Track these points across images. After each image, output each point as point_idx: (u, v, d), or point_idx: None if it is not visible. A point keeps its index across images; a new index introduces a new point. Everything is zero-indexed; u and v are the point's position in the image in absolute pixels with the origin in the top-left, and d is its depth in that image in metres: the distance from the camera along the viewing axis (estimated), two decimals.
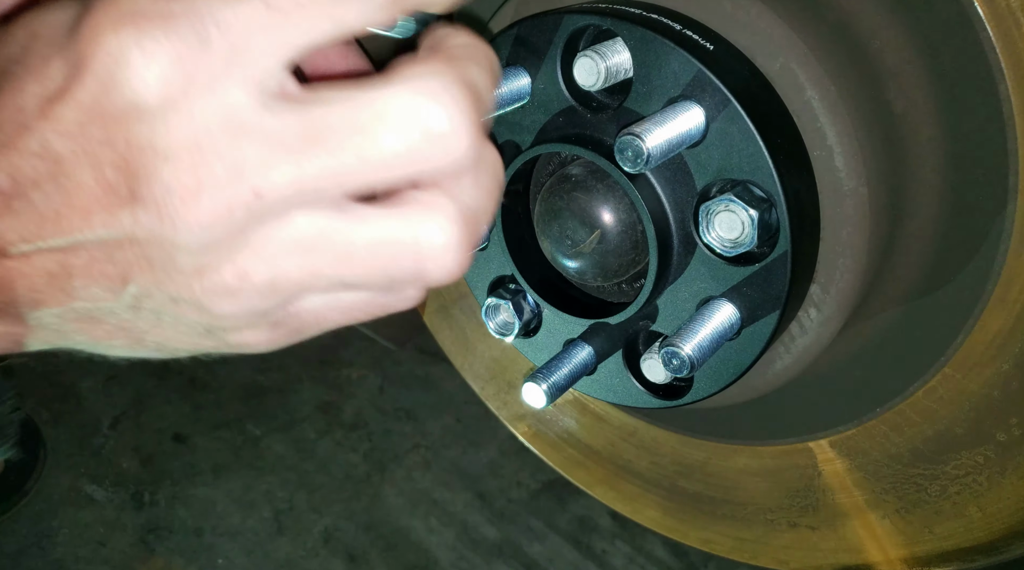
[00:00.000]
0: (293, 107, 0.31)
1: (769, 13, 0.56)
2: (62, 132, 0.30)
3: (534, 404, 0.63)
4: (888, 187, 0.59)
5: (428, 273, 0.34)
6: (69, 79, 0.30)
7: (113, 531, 1.41)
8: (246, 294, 0.33)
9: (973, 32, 0.52)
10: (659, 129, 0.51)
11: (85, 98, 0.29)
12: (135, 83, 0.29)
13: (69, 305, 0.34)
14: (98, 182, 0.30)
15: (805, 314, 0.62)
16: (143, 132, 0.29)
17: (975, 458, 0.64)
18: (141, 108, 0.29)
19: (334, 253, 0.33)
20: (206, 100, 0.29)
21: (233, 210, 0.30)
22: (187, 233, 0.30)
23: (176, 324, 0.34)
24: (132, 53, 0.29)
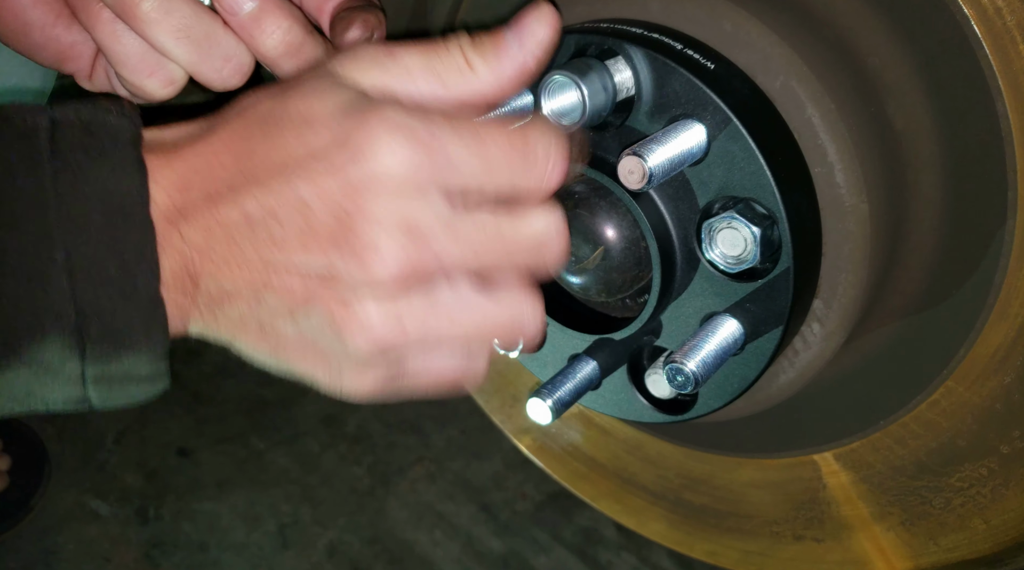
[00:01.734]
0: (466, 213, 0.43)
1: (769, 33, 0.57)
2: (311, 183, 0.40)
3: (539, 420, 0.63)
4: (889, 203, 0.59)
5: (520, 341, 0.48)
6: (335, 152, 0.41)
7: (118, 546, 1.41)
8: (387, 340, 0.43)
9: (970, 50, 0.53)
10: (661, 148, 0.52)
11: (340, 163, 0.40)
12: (381, 169, 0.40)
13: (254, 308, 0.43)
14: (329, 231, 0.41)
15: (808, 329, 0.63)
16: (378, 206, 0.40)
17: (979, 470, 0.64)
18: (377, 184, 0.40)
19: (463, 317, 0.44)
20: (421, 195, 0.41)
21: (416, 274, 0.42)
22: (377, 282, 0.41)
23: (317, 351, 0.44)
24: (387, 151, 0.40)
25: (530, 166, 0.44)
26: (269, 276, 0.42)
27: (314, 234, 0.41)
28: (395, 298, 0.42)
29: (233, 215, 0.41)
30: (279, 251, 0.41)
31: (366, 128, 0.40)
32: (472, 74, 0.45)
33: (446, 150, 0.42)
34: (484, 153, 0.42)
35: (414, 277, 0.42)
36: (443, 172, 0.42)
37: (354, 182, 0.40)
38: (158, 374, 0.44)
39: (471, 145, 0.42)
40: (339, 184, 0.40)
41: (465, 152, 0.42)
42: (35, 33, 0.59)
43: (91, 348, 0.41)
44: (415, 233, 0.41)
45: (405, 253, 0.41)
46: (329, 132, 0.41)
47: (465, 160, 0.42)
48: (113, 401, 0.44)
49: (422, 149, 0.41)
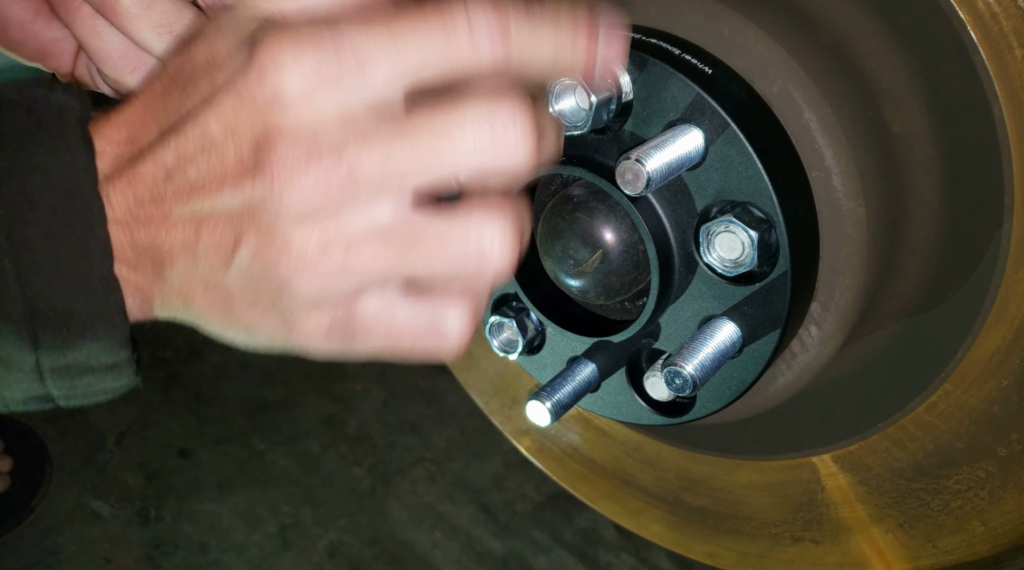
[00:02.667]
0: (393, 117, 0.39)
1: (767, 38, 0.57)
2: (219, 116, 0.38)
3: (539, 422, 0.63)
4: (886, 206, 0.60)
5: (486, 271, 0.40)
6: (235, 74, 0.38)
7: (119, 547, 1.41)
8: (323, 271, 0.39)
9: (966, 55, 0.53)
10: (659, 153, 0.52)
11: (243, 88, 0.38)
12: (283, 80, 0.37)
13: (194, 267, 0.40)
14: (236, 157, 0.38)
15: (806, 332, 0.63)
16: (278, 116, 0.37)
17: (977, 473, 0.64)
18: (282, 99, 0.37)
19: (407, 241, 0.39)
20: (329, 100, 0.37)
21: (330, 183, 0.37)
22: (290, 198, 0.37)
23: (262, 301, 0.40)
24: (286, 58, 0.37)
25: (452, 34, 0.38)
26: (199, 227, 0.39)
27: (226, 167, 0.38)
28: (321, 219, 0.38)
29: (152, 169, 0.39)
30: (201, 196, 0.39)
31: (265, 47, 0.37)
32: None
33: (354, 47, 0.37)
34: (397, 39, 0.38)
35: (339, 193, 0.38)
36: (354, 72, 0.38)
37: (259, 102, 0.38)
38: (120, 363, 0.41)
39: (380, 34, 0.38)
40: (244, 108, 0.38)
41: (375, 44, 0.38)
42: (13, 29, 0.58)
43: (43, 336, 0.39)
44: (332, 143, 0.37)
45: (322, 166, 0.37)
46: (232, 64, 0.39)
47: (377, 52, 0.38)
48: (77, 397, 0.42)
49: (326, 52, 0.37)
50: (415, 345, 0.43)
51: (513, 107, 0.39)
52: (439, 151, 0.38)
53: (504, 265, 0.41)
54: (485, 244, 0.40)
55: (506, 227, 0.40)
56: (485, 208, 0.40)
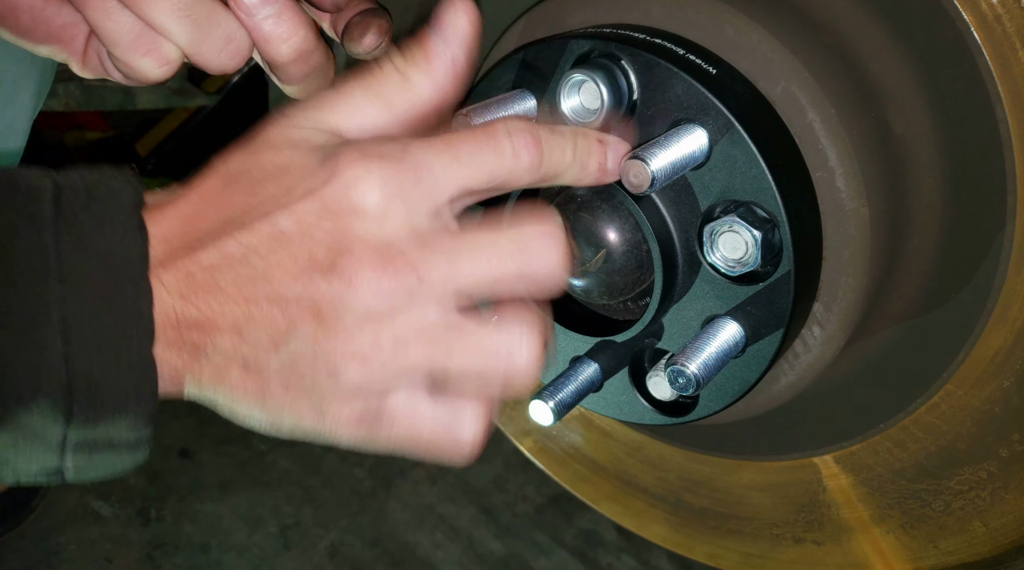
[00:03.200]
0: (452, 230, 0.44)
1: (770, 38, 0.57)
2: (296, 218, 0.42)
3: (541, 422, 0.63)
4: (889, 207, 0.60)
5: (513, 376, 0.45)
6: (320, 184, 0.42)
7: (120, 547, 1.41)
8: (371, 364, 0.43)
9: (970, 56, 0.53)
10: (664, 152, 0.52)
11: (328, 198, 0.42)
12: (365, 194, 0.42)
13: (238, 346, 0.42)
14: (308, 255, 0.42)
15: (808, 332, 0.63)
16: (359, 228, 0.42)
17: (978, 473, 0.65)
18: (362, 211, 0.42)
19: (449, 341, 0.44)
20: (402, 212, 0.42)
21: (399, 289, 0.42)
22: (361, 299, 0.41)
23: (302, 386, 0.43)
24: (370, 175, 0.42)
25: (499, 149, 0.45)
26: (251, 310, 0.42)
27: (295, 262, 0.42)
28: (378, 319, 0.42)
29: (213, 258, 0.42)
30: (261, 284, 0.42)
31: (348, 163, 0.42)
32: (410, 85, 0.47)
33: (425, 166, 0.43)
34: (457, 158, 0.44)
35: (399, 297, 0.42)
36: (425, 189, 0.43)
37: (333, 206, 0.42)
38: (141, 441, 0.43)
39: (444, 153, 0.44)
40: (318, 209, 0.42)
41: (439, 162, 0.43)
42: (24, 15, 0.58)
43: (78, 410, 0.40)
44: (399, 254, 0.42)
45: (397, 273, 0.42)
46: (312, 175, 0.43)
47: (441, 170, 0.43)
48: (89, 472, 0.43)
49: (402, 171, 0.42)
50: (432, 442, 0.47)
51: (552, 231, 0.45)
52: (491, 265, 0.44)
53: (530, 371, 0.46)
54: (515, 350, 0.45)
55: (536, 337, 0.45)
56: (519, 318, 0.45)
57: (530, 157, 0.46)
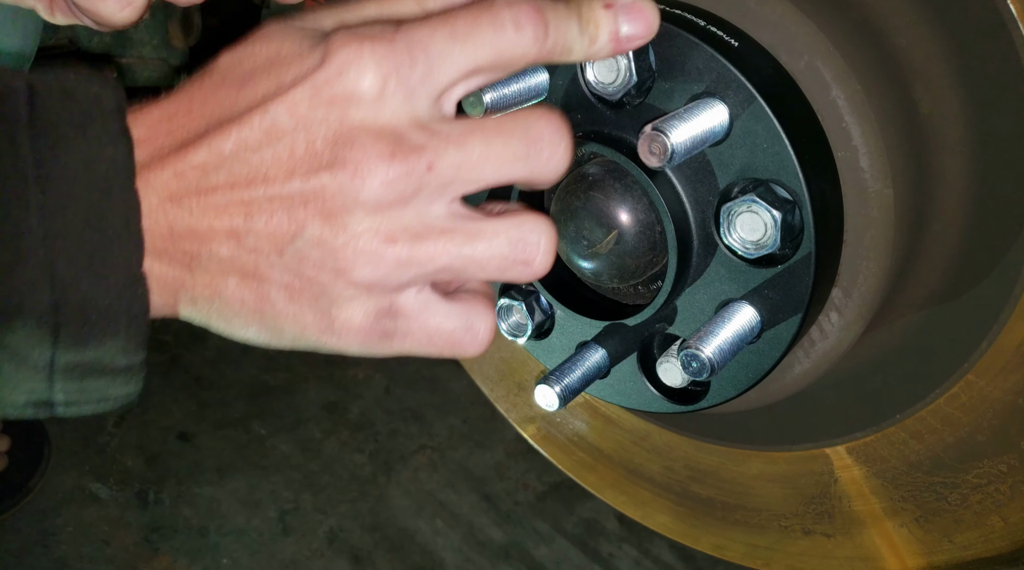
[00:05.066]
0: (451, 115, 0.42)
1: (794, 10, 0.55)
2: (291, 109, 0.39)
3: (547, 407, 0.62)
4: (913, 189, 0.58)
5: (534, 261, 0.43)
6: (311, 69, 0.39)
7: (117, 530, 1.40)
8: (385, 261, 0.40)
9: (1005, 31, 0.51)
10: (684, 125, 0.50)
11: (321, 85, 0.39)
12: (361, 78, 0.39)
13: (236, 254, 0.40)
14: (308, 148, 0.39)
15: (826, 318, 0.61)
16: (357, 114, 0.39)
17: (998, 467, 0.63)
18: (359, 98, 0.39)
19: (467, 236, 0.42)
20: (402, 96, 0.40)
21: (410, 175, 0.39)
22: (372, 188, 0.39)
23: (308, 291, 0.41)
24: (364, 57, 0.39)
25: (498, 21, 0.41)
26: (250, 212, 0.39)
27: (293, 156, 0.39)
28: (393, 212, 0.40)
29: (204, 157, 0.39)
30: (259, 183, 0.39)
31: (341, 46, 0.39)
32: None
33: (422, 46, 0.40)
34: (457, 37, 0.40)
35: (408, 188, 0.40)
36: (424, 70, 0.40)
37: (326, 92, 0.39)
38: (133, 367, 0.41)
39: (443, 33, 0.40)
40: (311, 96, 0.39)
41: (439, 42, 0.40)
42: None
43: (65, 331, 0.37)
44: (405, 141, 0.39)
45: (398, 163, 0.39)
46: (303, 62, 0.40)
47: (441, 50, 0.40)
48: (80, 403, 0.41)
49: (399, 51, 0.39)
50: (447, 345, 0.45)
51: (555, 118, 0.44)
52: (501, 152, 0.42)
53: (545, 267, 0.44)
54: (531, 245, 0.43)
55: (551, 231, 0.44)
56: (533, 213, 0.44)
57: (534, 29, 0.42)
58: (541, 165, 0.43)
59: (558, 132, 0.44)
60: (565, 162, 0.44)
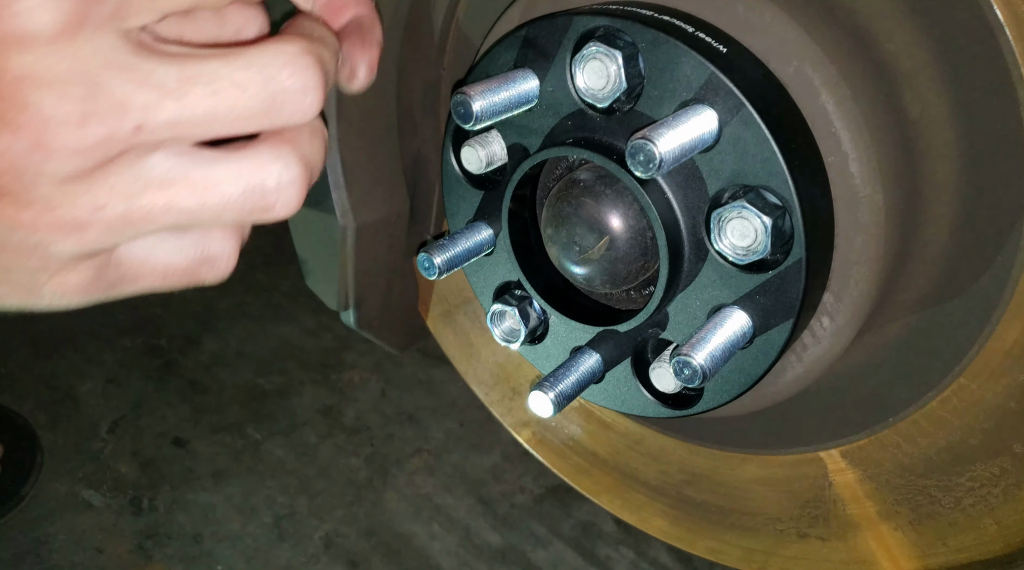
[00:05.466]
0: (172, 58, 0.34)
1: (783, 16, 0.55)
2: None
3: (541, 413, 0.61)
4: (903, 193, 0.58)
5: (274, 207, 0.39)
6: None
7: (111, 537, 1.39)
8: (94, 229, 0.35)
9: (991, 35, 0.51)
10: (671, 133, 0.50)
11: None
12: (29, 14, 0.30)
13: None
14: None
15: (818, 323, 0.61)
16: (26, 62, 0.31)
17: (991, 470, 0.63)
18: (29, 39, 0.31)
19: (192, 186, 0.36)
20: (94, 40, 0.32)
21: (112, 140, 0.33)
22: (60, 160, 0.32)
23: (12, 276, 0.36)
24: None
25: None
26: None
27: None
28: (87, 179, 0.34)
29: None
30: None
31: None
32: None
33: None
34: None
35: (110, 151, 0.33)
36: (121, 8, 0.33)
37: (4, 42, 0.31)
38: None
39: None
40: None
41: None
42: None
43: None
44: (102, 94, 0.32)
45: (93, 125, 0.32)
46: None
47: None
48: None
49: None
50: (184, 279, 0.41)
51: (302, 56, 0.37)
52: (229, 102, 0.35)
53: (291, 208, 0.39)
54: (270, 192, 0.38)
55: (292, 164, 0.39)
56: (271, 145, 0.38)
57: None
58: (284, 119, 0.37)
59: (305, 78, 0.37)
60: (314, 110, 0.38)
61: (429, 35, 0.80)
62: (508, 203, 0.64)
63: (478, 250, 0.68)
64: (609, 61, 0.53)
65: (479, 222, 0.68)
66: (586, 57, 0.54)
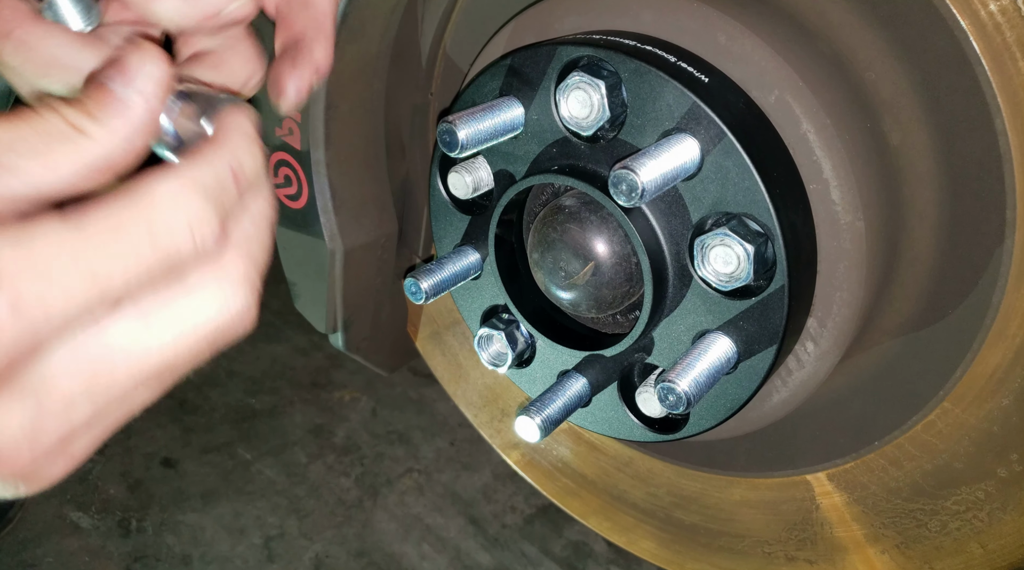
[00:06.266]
0: (44, 229, 0.32)
1: (764, 46, 0.56)
2: None
3: (528, 438, 0.62)
4: (885, 220, 0.58)
5: (235, 336, 0.38)
6: None
7: (98, 560, 1.38)
8: (41, 442, 0.34)
9: (969, 66, 0.52)
10: (654, 162, 0.50)
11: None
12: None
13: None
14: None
15: (802, 348, 0.61)
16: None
17: (976, 493, 0.63)
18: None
19: (128, 363, 0.34)
20: None
21: (11, 366, 0.31)
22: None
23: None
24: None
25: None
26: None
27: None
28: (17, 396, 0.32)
29: None
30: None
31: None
32: (86, 138, 0.35)
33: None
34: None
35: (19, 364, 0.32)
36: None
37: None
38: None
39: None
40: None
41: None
42: None
43: None
44: None
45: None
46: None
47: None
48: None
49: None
50: (210, 343, 0.39)
51: (182, 194, 0.35)
52: (138, 263, 0.34)
53: (247, 326, 0.39)
54: (224, 323, 0.38)
55: (237, 295, 0.38)
56: (214, 280, 0.37)
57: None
58: (181, 263, 0.35)
59: (187, 217, 0.34)
60: (212, 238, 0.36)
61: (417, 61, 0.81)
62: (495, 228, 0.64)
63: (465, 274, 0.68)
64: (592, 90, 0.54)
65: (466, 246, 0.68)
66: (570, 86, 0.55)
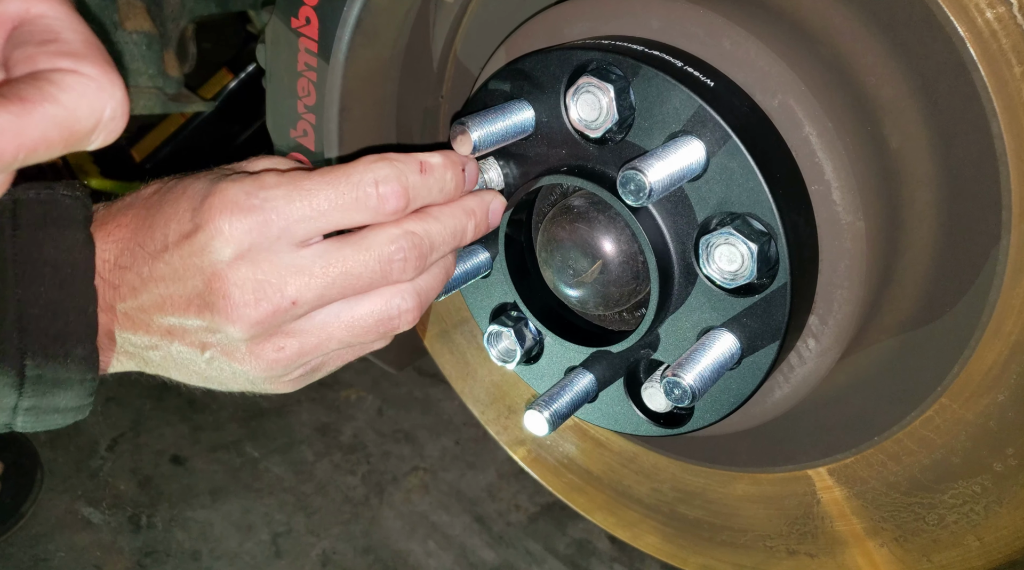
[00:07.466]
0: (314, 252, 0.52)
1: (767, 51, 0.57)
2: (174, 262, 0.51)
3: (536, 432, 0.63)
4: (885, 220, 0.60)
5: (398, 327, 0.56)
6: (188, 233, 0.51)
7: (110, 554, 1.40)
8: (281, 362, 0.54)
9: (966, 72, 0.53)
10: (661, 163, 0.52)
11: (193, 249, 0.51)
12: (220, 248, 0.50)
13: (168, 358, 0.55)
14: (189, 293, 0.51)
15: (804, 344, 0.63)
16: (220, 275, 0.50)
17: (972, 487, 0.64)
18: (222, 261, 0.50)
19: (344, 325, 0.55)
20: (263, 258, 0.51)
21: (277, 313, 0.51)
22: (244, 328, 0.51)
23: (233, 376, 0.56)
24: (223, 230, 0.50)
25: (361, 198, 0.52)
26: (170, 330, 0.52)
27: (187, 299, 0.51)
28: (269, 335, 0.52)
29: (132, 280, 0.52)
30: (168, 311, 0.52)
31: (208, 212, 0.50)
32: None
33: (276, 213, 0.50)
34: (314, 205, 0.51)
35: (278, 315, 0.51)
36: (272, 230, 0.50)
37: (198, 254, 0.50)
38: (83, 406, 0.53)
39: (301, 202, 0.51)
40: (186, 255, 0.51)
41: (296, 211, 0.51)
42: None
43: (28, 387, 0.50)
44: (266, 286, 0.50)
45: (261, 305, 0.50)
46: (183, 218, 0.51)
47: (299, 218, 0.51)
48: (37, 426, 0.53)
49: (253, 221, 0.50)
50: (377, 339, 0.57)
51: (398, 236, 0.53)
52: (353, 278, 0.53)
53: (409, 323, 0.57)
54: (392, 312, 0.55)
55: (407, 296, 0.56)
56: (390, 290, 0.55)
57: (396, 204, 0.52)
58: (394, 279, 0.54)
59: (406, 253, 0.54)
60: (412, 271, 0.55)
61: (428, 65, 0.83)
62: (505, 228, 0.66)
63: (475, 273, 0.70)
64: (601, 94, 0.55)
65: (476, 245, 0.70)
66: (580, 90, 0.56)
